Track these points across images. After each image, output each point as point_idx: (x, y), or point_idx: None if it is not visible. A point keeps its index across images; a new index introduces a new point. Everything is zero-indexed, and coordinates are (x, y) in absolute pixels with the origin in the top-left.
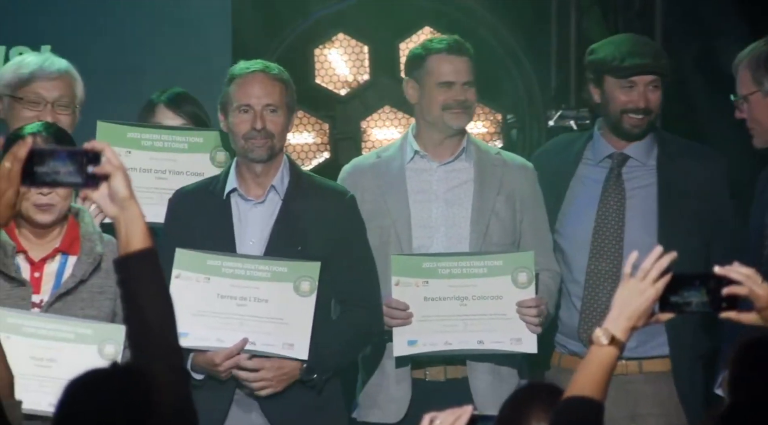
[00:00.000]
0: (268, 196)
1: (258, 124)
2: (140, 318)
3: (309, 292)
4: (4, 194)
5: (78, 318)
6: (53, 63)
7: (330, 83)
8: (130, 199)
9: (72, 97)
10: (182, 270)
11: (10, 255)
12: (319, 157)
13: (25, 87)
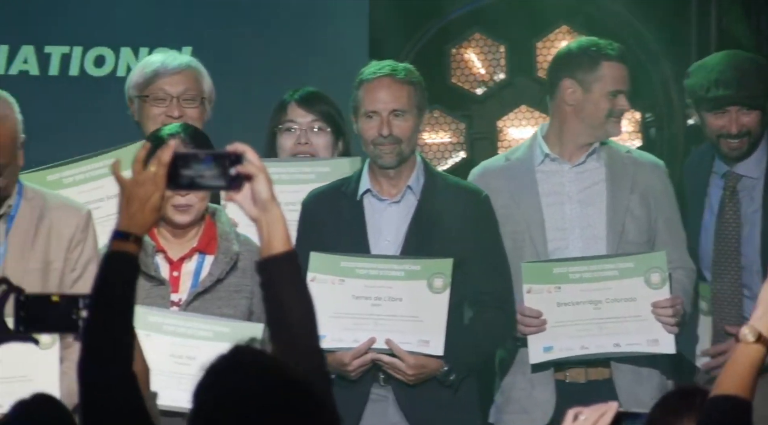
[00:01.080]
0: (405, 196)
1: (384, 131)
2: (283, 320)
3: (442, 289)
4: (150, 198)
5: (216, 317)
6: (175, 59)
7: (466, 83)
8: (272, 200)
9: (197, 91)
10: (317, 274)
11: (149, 254)
12: (455, 157)
13: (151, 85)
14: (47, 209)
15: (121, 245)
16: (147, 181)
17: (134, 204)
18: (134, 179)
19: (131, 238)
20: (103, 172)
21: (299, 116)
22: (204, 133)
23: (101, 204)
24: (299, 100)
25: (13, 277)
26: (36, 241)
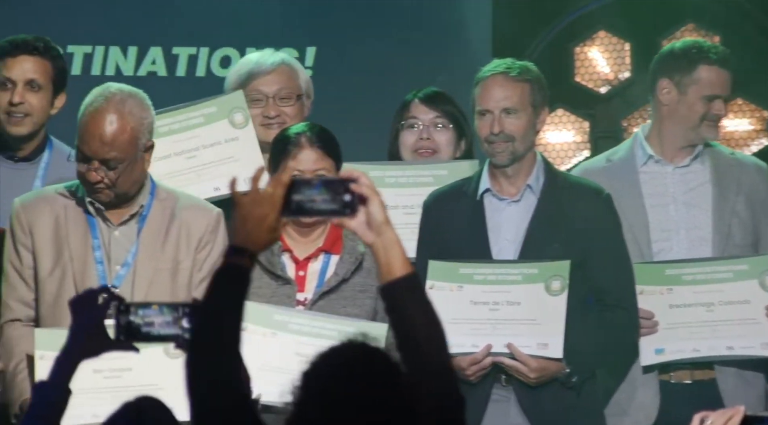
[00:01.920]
0: (524, 195)
1: (495, 128)
2: (411, 340)
3: (560, 291)
4: (266, 218)
5: (341, 316)
6: (269, 57)
7: (590, 81)
8: (386, 224)
9: (293, 88)
10: (436, 281)
11: (276, 253)
12: (579, 156)
13: (247, 85)
14: (179, 209)
15: (236, 259)
16: (264, 200)
17: (250, 222)
18: (251, 198)
19: (246, 254)
20: (197, 121)
21: (422, 113)
22: (330, 132)
23: (196, 153)
24: (422, 98)
25: (143, 276)
26: (167, 241)
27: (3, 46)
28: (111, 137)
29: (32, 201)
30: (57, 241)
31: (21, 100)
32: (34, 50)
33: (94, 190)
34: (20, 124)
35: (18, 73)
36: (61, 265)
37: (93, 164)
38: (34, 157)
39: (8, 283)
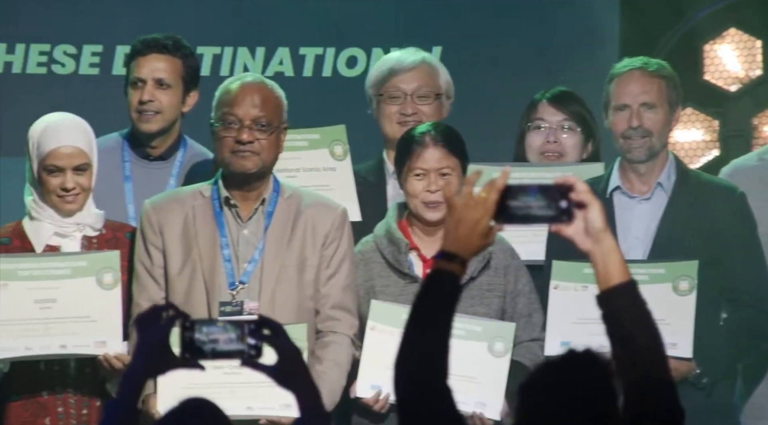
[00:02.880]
0: (655, 193)
1: (634, 122)
2: (629, 346)
3: (688, 291)
4: (479, 223)
5: (468, 315)
6: (409, 56)
7: (720, 79)
8: (605, 231)
9: (432, 87)
10: (560, 281)
11: (403, 252)
12: (708, 155)
13: (386, 83)
14: (304, 207)
15: (445, 264)
16: (478, 205)
17: (463, 227)
18: (465, 202)
19: (456, 260)
20: (301, 144)
21: (549, 114)
22: (455, 131)
23: (296, 174)
24: (550, 99)
25: (270, 273)
26: (293, 238)
27: (135, 46)
28: (262, 99)
29: (162, 201)
30: (186, 240)
31: (150, 98)
32: (163, 49)
33: (242, 156)
34: (150, 121)
35: (147, 71)
36: (191, 264)
37: (244, 125)
38: (168, 156)
39: (138, 283)
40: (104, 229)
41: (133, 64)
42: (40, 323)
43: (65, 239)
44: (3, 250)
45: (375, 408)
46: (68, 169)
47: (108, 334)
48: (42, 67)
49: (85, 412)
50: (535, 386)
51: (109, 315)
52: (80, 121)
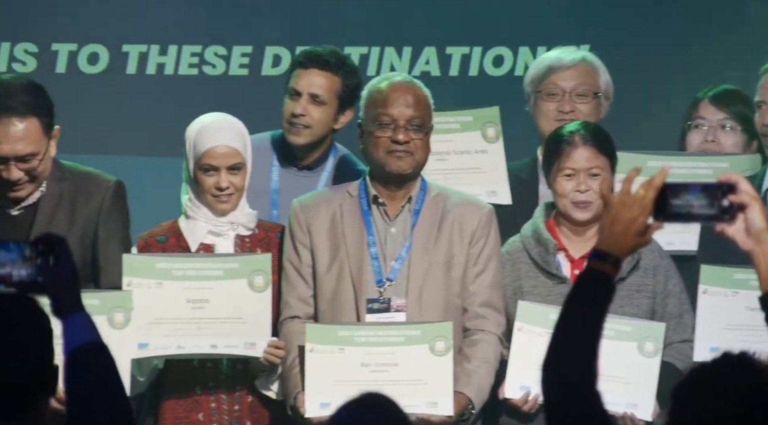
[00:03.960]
0: None
1: None
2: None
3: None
4: (636, 221)
5: (618, 316)
6: (570, 53)
7: None
8: (766, 230)
9: (590, 86)
10: (709, 286)
11: (551, 252)
12: None
13: (544, 80)
14: (450, 205)
15: (598, 264)
16: (635, 203)
17: (618, 225)
18: (621, 200)
19: (610, 259)
20: (453, 127)
21: (709, 113)
22: (605, 130)
23: (447, 157)
24: (712, 98)
25: (418, 270)
26: (440, 236)
27: (299, 56)
28: (415, 99)
29: (310, 200)
30: (334, 239)
31: (302, 112)
32: (325, 65)
33: (397, 156)
34: (299, 135)
35: (305, 85)
36: (338, 262)
37: (399, 125)
38: (316, 166)
39: (287, 281)
40: (257, 229)
41: (294, 74)
42: (193, 322)
43: (219, 238)
44: (159, 248)
45: (524, 409)
46: (223, 168)
47: (258, 336)
48: (193, 68)
49: (236, 408)
50: (689, 388)
51: (260, 317)
52: (236, 122)
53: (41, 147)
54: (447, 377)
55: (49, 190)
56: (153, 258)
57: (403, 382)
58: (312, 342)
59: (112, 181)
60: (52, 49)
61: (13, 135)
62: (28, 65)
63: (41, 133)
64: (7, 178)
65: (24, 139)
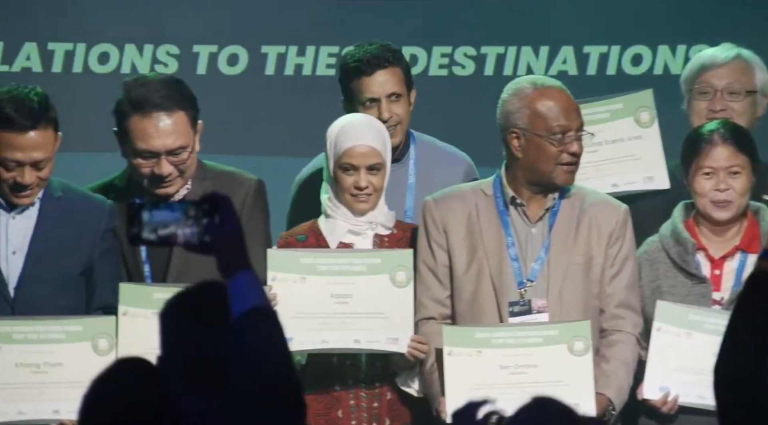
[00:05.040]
0: None
1: None
2: None
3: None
4: None
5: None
6: (724, 51)
7: None
8: None
9: (744, 84)
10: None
11: (690, 252)
12: None
13: (697, 78)
14: (587, 205)
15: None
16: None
17: None
18: None
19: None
20: (603, 117)
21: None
22: (744, 128)
23: (598, 148)
24: None
25: (557, 271)
26: (578, 236)
27: (354, 67)
28: (576, 106)
29: (444, 198)
30: (471, 238)
31: (390, 115)
32: (385, 62)
33: (568, 171)
34: (395, 135)
35: (379, 89)
36: (477, 263)
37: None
38: (402, 157)
39: (422, 281)
40: (395, 228)
41: (357, 83)
42: (337, 317)
43: (358, 237)
44: (299, 247)
45: (663, 410)
46: (362, 167)
47: (400, 331)
48: (331, 69)
49: (375, 405)
50: None
51: (402, 312)
52: (376, 122)
53: (189, 140)
54: (587, 377)
55: (193, 188)
56: (297, 253)
57: (543, 384)
58: (449, 345)
59: (254, 180)
60: (193, 50)
61: (163, 129)
62: (170, 67)
63: (188, 125)
64: (158, 173)
65: (173, 133)
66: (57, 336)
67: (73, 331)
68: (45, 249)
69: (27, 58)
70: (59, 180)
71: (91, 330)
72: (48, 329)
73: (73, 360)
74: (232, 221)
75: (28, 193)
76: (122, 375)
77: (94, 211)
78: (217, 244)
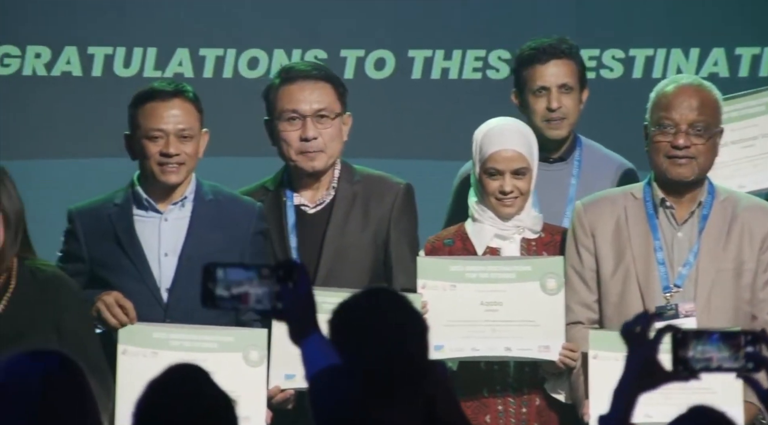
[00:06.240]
0: None
1: None
2: None
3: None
4: None
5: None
6: None
7: None
8: None
9: None
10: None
11: None
12: None
13: None
14: (740, 210)
15: None
16: None
17: None
18: None
19: None
20: (757, 110)
21: None
22: None
23: (753, 142)
24: None
25: (706, 277)
26: (729, 242)
27: (529, 54)
28: (699, 103)
29: (594, 202)
30: (618, 242)
31: (559, 105)
32: (561, 53)
33: (678, 163)
34: (559, 128)
35: (552, 79)
36: (624, 266)
37: (680, 130)
38: (567, 156)
39: (569, 285)
40: (542, 232)
41: (531, 71)
42: (487, 325)
43: (505, 241)
44: (446, 251)
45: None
46: (507, 172)
47: (551, 339)
48: (477, 73)
49: (524, 411)
50: None
51: (553, 320)
52: (523, 127)
53: (336, 108)
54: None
55: (342, 191)
56: (447, 260)
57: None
58: (596, 349)
59: (402, 184)
60: (341, 55)
61: (309, 94)
62: None
63: (335, 97)
64: (303, 136)
65: (318, 100)
66: (210, 346)
67: (225, 342)
68: (197, 252)
69: (179, 63)
70: (210, 183)
71: (242, 341)
72: (201, 338)
73: (224, 370)
74: (306, 288)
75: (174, 168)
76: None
77: (245, 213)
78: (289, 312)
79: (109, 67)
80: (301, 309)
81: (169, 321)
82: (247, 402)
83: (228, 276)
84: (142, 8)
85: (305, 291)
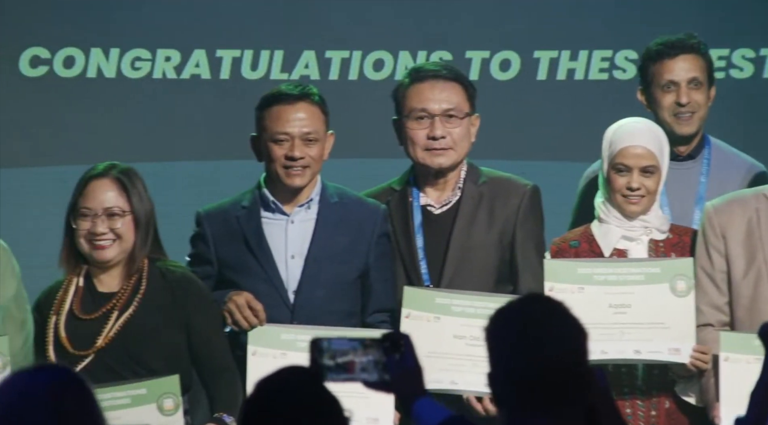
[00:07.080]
0: None
1: None
2: None
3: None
4: None
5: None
6: None
7: None
8: None
9: None
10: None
11: None
12: None
13: None
14: None
15: None
16: None
17: None
18: None
19: None
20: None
21: None
22: None
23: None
24: None
25: None
26: None
27: (657, 50)
28: None
29: (724, 204)
30: (750, 243)
31: (688, 100)
32: (690, 49)
33: None
34: (690, 124)
35: (681, 74)
36: (756, 268)
37: None
38: (696, 154)
39: (699, 287)
40: (670, 233)
41: (659, 66)
42: (616, 328)
43: (632, 242)
44: (572, 253)
45: None
46: (635, 169)
47: (682, 341)
48: (604, 73)
49: (653, 413)
50: None
51: (683, 322)
52: (654, 126)
53: (464, 108)
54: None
55: (468, 191)
56: (574, 263)
57: None
58: (727, 351)
59: (529, 186)
60: (466, 56)
61: (439, 93)
62: None
63: (464, 97)
64: (431, 135)
65: (448, 100)
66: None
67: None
68: (323, 254)
69: (306, 65)
70: (335, 185)
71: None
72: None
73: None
74: (412, 361)
75: (299, 171)
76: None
77: (369, 215)
78: (397, 384)
79: (236, 69)
80: (409, 380)
81: (296, 323)
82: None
83: (332, 346)
84: (269, 12)
85: (412, 363)
